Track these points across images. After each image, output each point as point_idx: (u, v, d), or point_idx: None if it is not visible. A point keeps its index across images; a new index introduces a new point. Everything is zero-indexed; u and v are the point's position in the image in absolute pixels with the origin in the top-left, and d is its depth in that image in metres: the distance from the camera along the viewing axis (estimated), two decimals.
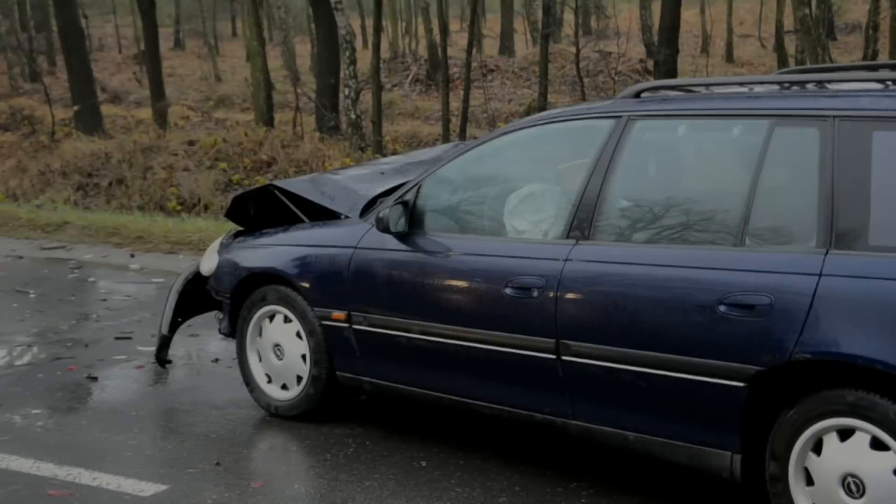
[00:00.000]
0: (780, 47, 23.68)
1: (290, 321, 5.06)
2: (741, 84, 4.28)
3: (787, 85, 4.05)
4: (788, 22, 23.67)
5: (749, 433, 3.62)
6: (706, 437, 3.69)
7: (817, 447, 3.48)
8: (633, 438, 3.91)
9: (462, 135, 15.30)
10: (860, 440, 3.37)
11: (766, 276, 3.51)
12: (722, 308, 3.55)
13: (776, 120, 3.71)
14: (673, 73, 11.29)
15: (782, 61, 22.67)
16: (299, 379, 5.09)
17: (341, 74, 16.02)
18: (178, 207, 12.81)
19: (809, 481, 3.50)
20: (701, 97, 4.18)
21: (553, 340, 4.02)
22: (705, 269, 3.66)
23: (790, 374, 3.49)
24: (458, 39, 31.59)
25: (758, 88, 4.15)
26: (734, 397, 3.56)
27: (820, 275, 3.40)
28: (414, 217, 4.61)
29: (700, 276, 3.66)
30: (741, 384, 3.53)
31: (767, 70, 25.19)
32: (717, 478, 3.73)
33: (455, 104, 18.09)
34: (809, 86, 4.05)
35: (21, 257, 9.95)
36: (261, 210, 5.55)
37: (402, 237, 4.60)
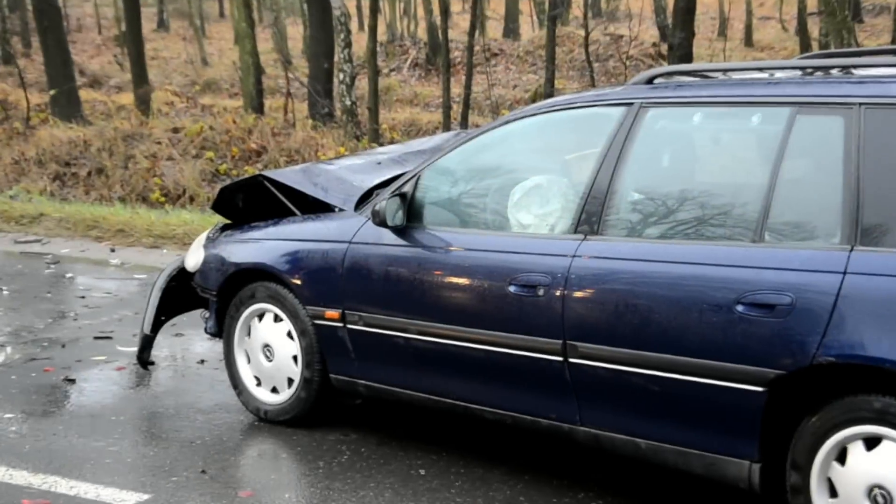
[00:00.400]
0: (802, 30, 23.67)
1: (281, 320, 5.07)
2: (761, 69, 4.28)
3: (809, 70, 4.05)
4: (812, 3, 23.65)
5: (768, 441, 3.62)
6: (722, 444, 3.69)
7: (841, 456, 3.48)
8: (644, 446, 3.91)
9: (464, 123, 15.29)
10: (888, 449, 3.37)
11: (786, 274, 3.50)
12: (740, 308, 3.55)
13: (798, 108, 3.70)
14: (688, 58, 11.28)
15: (805, 45, 22.66)
16: (290, 381, 5.09)
17: (336, 58, 16.01)
18: (162, 199, 12.81)
19: (833, 493, 3.50)
20: (718, 83, 4.18)
21: (560, 342, 4.02)
22: (722, 267, 3.65)
23: (812, 379, 3.49)
24: (460, 21, 31.59)
25: (778, 74, 4.14)
26: (752, 403, 3.56)
27: (844, 273, 3.39)
28: (412, 210, 4.61)
29: (716, 274, 3.66)
30: (760, 389, 3.53)
31: (789, 55, 25.17)
32: (735, 488, 3.73)
33: (456, 90, 18.08)
34: (834, 71, 4.04)
35: None
36: (250, 202, 5.55)
37: (399, 231, 4.61)
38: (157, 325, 5.67)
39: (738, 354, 3.56)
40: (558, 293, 4.01)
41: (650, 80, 4.26)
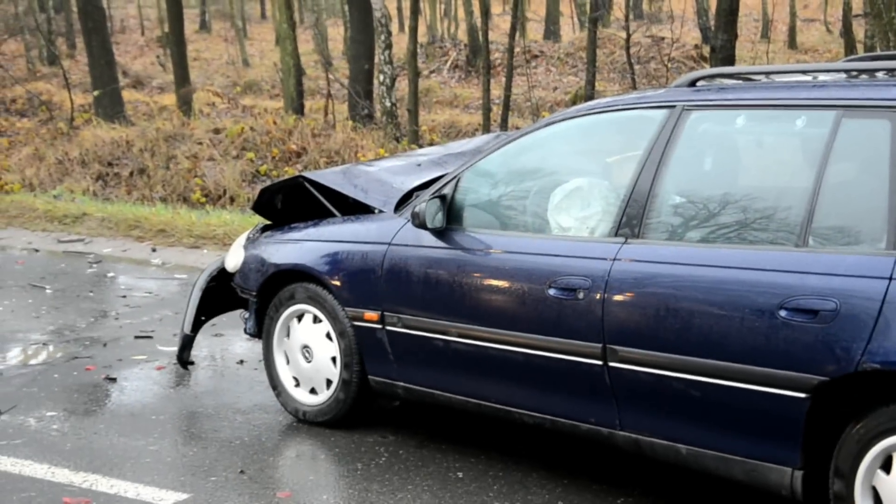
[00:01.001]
0: (847, 32, 23.42)
1: (320, 321, 5.08)
2: (805, 72, 4.24)
3: (855, 73, 4.00)
4: (857, 5, 23.41)
5: (811, 448, 3.58)
6: (764, 451, 3.66)
7: (887, 465, 3.44)
8: (685, 451, 3.88)
9: (504, 125, 15.27)
10: None
11: (830, 280, 3.47)
12: (783, 313, 3.52)
13: (843, 111, 3.66)
14: (731, 61, 11.18)
15: (850, 47, 22.41)
16: (329, 383, 5.11)
17: (376, 60, 16.04)
18: (203, 199, 12.89)
19: (877, 501, 3.46)
20: (761, 86, 4.14)
21: (599, 345, 4.00)
22: (765, 271, 3.62)
23: (856, 385, 3.45)
24: (501, 23, 31.56)
25: (823, 77, 4.10)
26: (795, 409, 3.52)
27: (890, 278, 3.35)
28: (452, 212, 4.61)
29: (759, 279, 3.62)
30: (803, 395, 3.50)
31: (834, 57, 24.93)
32: (777, 495, 3.69)
33: (496, 92, 18.06)
34: (880, 74, 4.00)
35: (37, 250, 10.06)
36: (290, 203, 5.57)
37: (439, 233, 4.60)
38: (197, 325, 5.70)
39: (780, 360, 3.53)
40: (598, 297, 3.99)
41: (693, 83, 4.24)
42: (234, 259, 5.51)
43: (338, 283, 4.92)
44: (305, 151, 14.02)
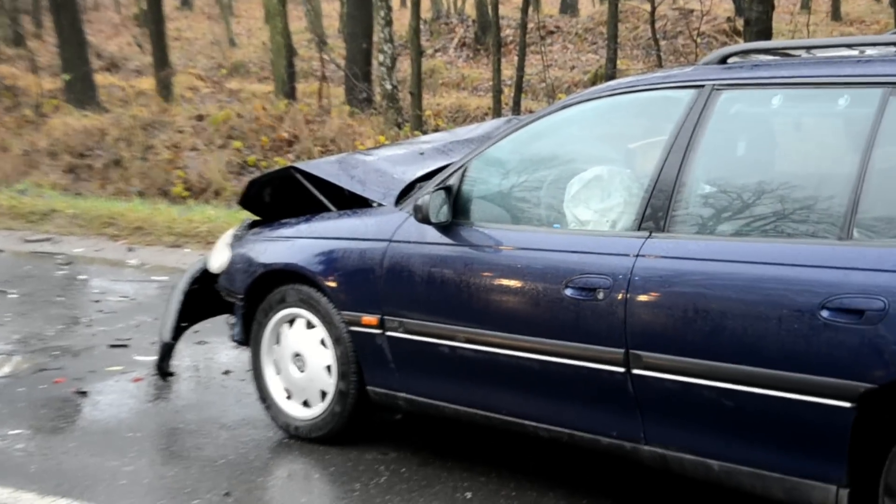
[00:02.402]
0: None
1: (314, 327, 5.08)
2: (849, 46, 4.23)
3: None
4: None
5: (858, 463, 3.58)
6: (805, 467, 3.65)
7: None
8: (717, 468, 3.88)
9: (516, 108, 15.28)
10: None
11: (877, 276, 3.46)
12: (825, 314, 3.51)
13: (891, 88, 3.66)
14: (767, 34, 11.17)
15: None
16: (323, 394, 5.11)
17: (375, 38, 16.06)
18: (185, 193, 12.92)
19: None
20: (800, 62, 4.13)
21: (622, 351, 4.00)
22: (804, 268, 3.61)
23: None
24: None
25: (869, 51, 4.09)
26: (839, 420, 3.52)
27: None
28: (458, 205, 4.61)
29: (798, 276, 3.62)
30: (848, 404, 3.49)
31: (882, 29, 24.89)
32: None
33: (508, 72, 18.07)
34: None
35: (1, 251, 10.08)
36: (280, 197, 5.58)
37: (444, 229, 4.60)
38: (178, 332, 5.70)
39: (822, 366, 3.52)
40: (620, 297, 3.98)
41: (723, 60, 4.23)
42: (218, 259, 5.52)
43: (333, 284, 4.92)
44: (297, 139, 14.04)
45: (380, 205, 5.04)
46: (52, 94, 18.66)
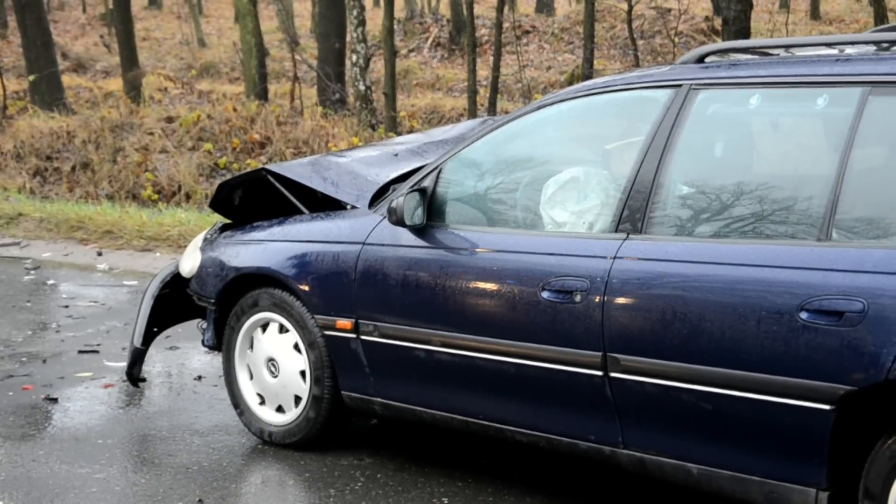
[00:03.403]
0: (876, 0, 23.52)
1: (287, 331, 5.08)
2: (829, 45, 4.25)
3: (884, 45, 4.02)
4: None
5: (838, 466, 3.59)
6: (785, 470, 3.67)
7: None
8: (696, 472, 3.89)
9: (492, 109, 15.29)
10: None
11: (857, 277, 3.48)
12: (804, 315, 3.53)
13: (870, 88, 3.68)
14: (745, 33, 11.22)
15: (880, 17, 22.49)
16: (298, 400, 5.10)
17: (348, 38, 16.04)
18: (155, 196, 12.88)
19: None
20: (778, 61, 4.15)
21: (599, 354, 4.01)
22: (783, 269, 3.63)
23: (887, 395, 3.46)
24: None
25: (849, 50, 4.11)
26: (819, 423, 3.54)
27: None
28: (433, 207, 4.62)
29: (777, 278, 3.63)
30: (827, 407, 3.51)
31: (861, 28, 25.03)
32: None
33: (483, 73, 18.08)
34: None
35: None
36: (252, 199, 5.57)
37: (418, 231, 4.61)
38: (148, 338, 5.69)
39: (802, 368, 3.54)
40: (597, 299, 3.99)
41: (701, 59, 4.25)
42: (189, 262, 5.51)
43: (306, 287, 4.92)
44: (270, 141, 14.01)
45: (353, 207, 5.03)
46: (17, 96, 18.57)
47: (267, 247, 5.15)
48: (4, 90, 17.70)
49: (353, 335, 4.78)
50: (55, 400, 5.98)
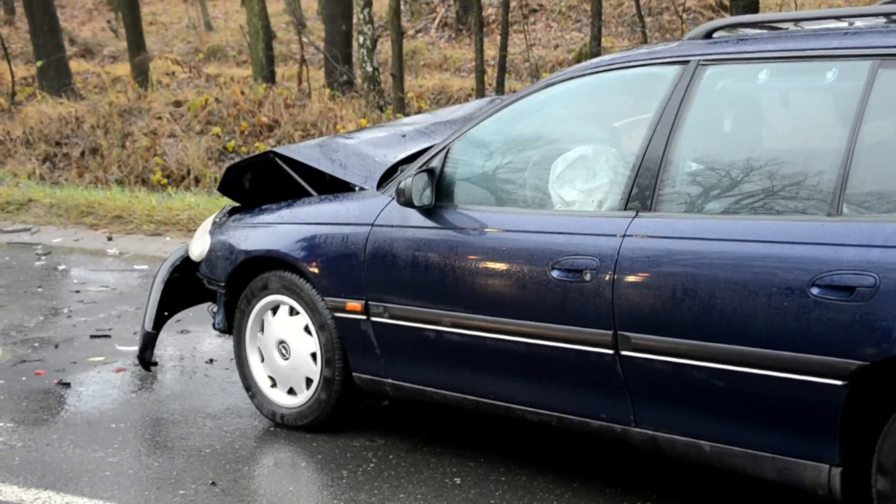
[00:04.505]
0: None
1: (297, 314, 5.08)
2: (838, 18, 4.22)
3: (894, 17, 3.99)
4: None
5: (851, 442, 3.59)
6: (797, 446, 3.66)
7: None
8: (708, 449, 3.89)
9: (499, 88, 15.25)
10: None
11: (868, 252, 3.46)
12: (815, 291, 3.52)
13: (880, 61, 3.65)
14: (754, 8, 11.18)
15: None
16: (309, 382, 5.11)
17: (354, 19, 15.99)
18: (164, 181, 12.87)
19: None
20: (787, 36, 4.13)
21: (610, 332, 4.00)
22: (794, 245, 3.62)
23: None
24: None
25: (858, 23, 4.08)
26: (831, 398, 3.53)
27: None
28: (441, 188, 4.61)
29: (787, 253, 3.62)
30: (839, 382, 3.50)
31: (870, 0, 24.91)
32: (812, 496, 3.70)
33: (491, 52, 18.02)
34: None
35: None
36: (260, 182, 5.56)
37: (427, 212, 4.60)
38: (159, 322, 5.69)
39: (813, 344, 3.53)
40: (607, 278, 3.98)
41: (709, 34, 4.22)
42: (199, 246, 5.50)
43: (316, 270, 4.91)
44: (278, 124, 13.99)
45: (361, 189, 5.03)
46: (25, 82, 18.55)
47: (276, 229, 5.15)
48: (13, 76, 17.69)
49: (364, 317, 4.78)
50: (68, 384, 5.99)
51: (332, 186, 5.22)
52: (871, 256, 3.45)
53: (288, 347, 5.14)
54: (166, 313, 5.75)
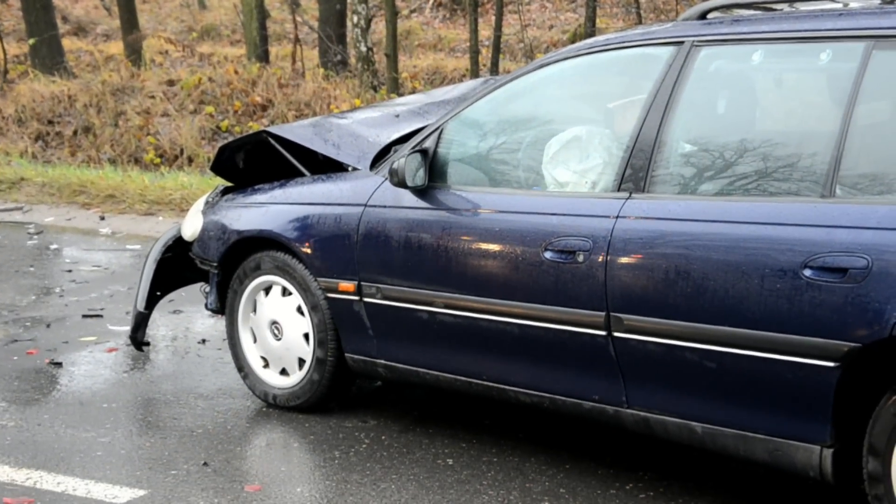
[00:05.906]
0: None
1: (290, 294, 5.07)
2: None
3: None
4: None
5: (842, 423, 3.60)
6: (789, 428, 3.67)
7: None
8: (700, 430, 3.89)
9: (494, 69, 15.22)
10: None
11: (861, 234, 3.47)
12: (807, 272, 3.52)
13: (874, 42, 3.65)
14: None
15: None
16: (301, 362, 5.11)
17: None
18: (157, 160, 12.84)
19: None
20: (781, 16, 4.12)
21: (603, 314, 4.00)
22: (787, 226, 3.62)
23: (891, 351, 3.46)
24: None
25: (852, 4, 4.09)
26: (823, 380, 3.53)
27: None
28: (435, 168, 4.60)
29: (780, 235, 3.62)
30: (832, 364, 3.51)
31: None
32: (804, 477, 3.71)
33: (486, 33, 17.99)
34: None
35: None
36: (253, 162, 5.55)
37: (420, 192, 4.59)
38: (152, 302, 5.69)
39: (806, 325, 3.54)
40: (600, 259, 3.98)
41: (703, 15, 4.21)
42: (191, 226, 5.49)
43: (308, 250, 4.91)
44: (271, 104, 13.96)
45: (355, 169, 5.02)
46: (17, 60, 18.48)
47: (269, 209, 5.14)
48: (5, 54, 17.62)
49: (356, 297, 4.78)
50: (59, 364, 5.99)
51: (326, 166, 5.21)
52: (864, 238, 3.45)
53: (280, 328, 5.13)
54: (159, 293, 5.74)
